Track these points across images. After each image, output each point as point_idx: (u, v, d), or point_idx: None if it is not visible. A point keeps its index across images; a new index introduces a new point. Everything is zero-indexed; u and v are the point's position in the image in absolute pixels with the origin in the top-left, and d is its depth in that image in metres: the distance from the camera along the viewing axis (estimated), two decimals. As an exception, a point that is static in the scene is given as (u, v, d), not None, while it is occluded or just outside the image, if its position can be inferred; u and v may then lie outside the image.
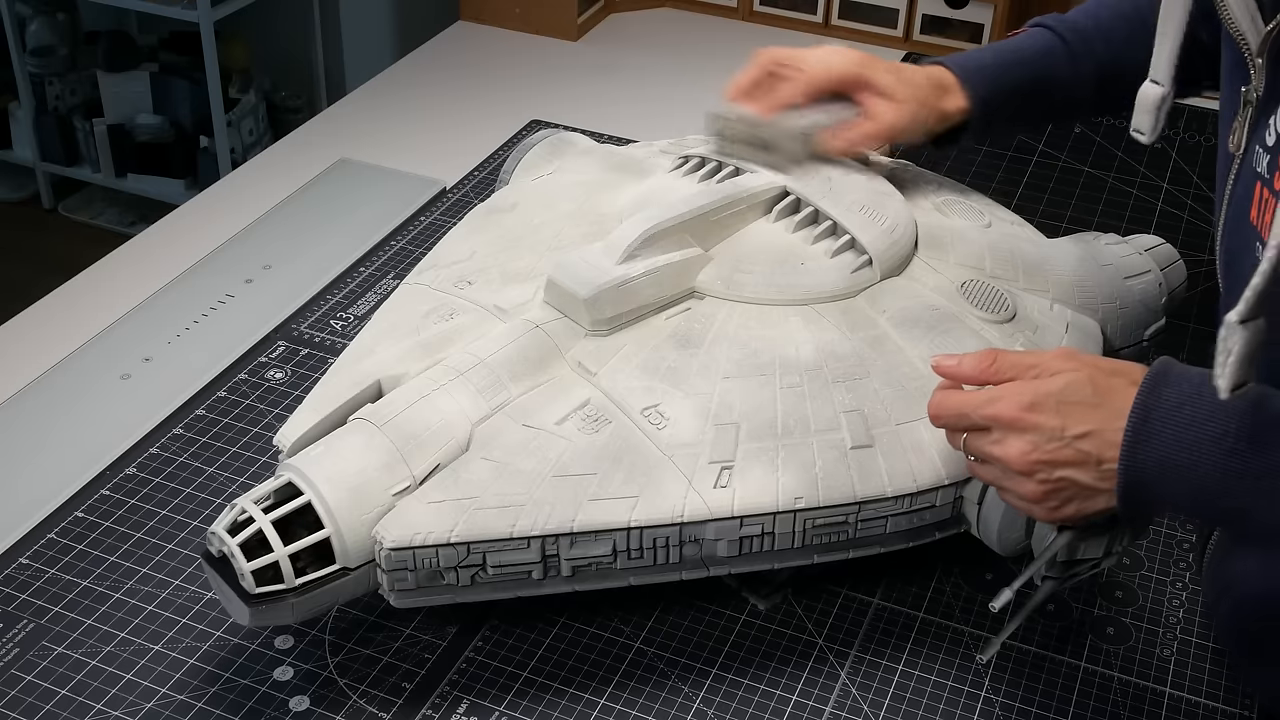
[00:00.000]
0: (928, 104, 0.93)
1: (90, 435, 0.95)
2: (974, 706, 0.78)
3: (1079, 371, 0.70)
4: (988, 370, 0.72)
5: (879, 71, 0.92)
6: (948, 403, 0.72)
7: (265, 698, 0.77)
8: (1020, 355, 0.72)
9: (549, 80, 1.52)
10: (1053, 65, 0.96)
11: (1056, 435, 0.68)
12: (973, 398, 0.71)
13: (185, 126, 2.77)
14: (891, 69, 0.93)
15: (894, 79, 0.92)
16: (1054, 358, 0.71)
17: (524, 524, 0.72)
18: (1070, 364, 0.70)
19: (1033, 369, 0.71)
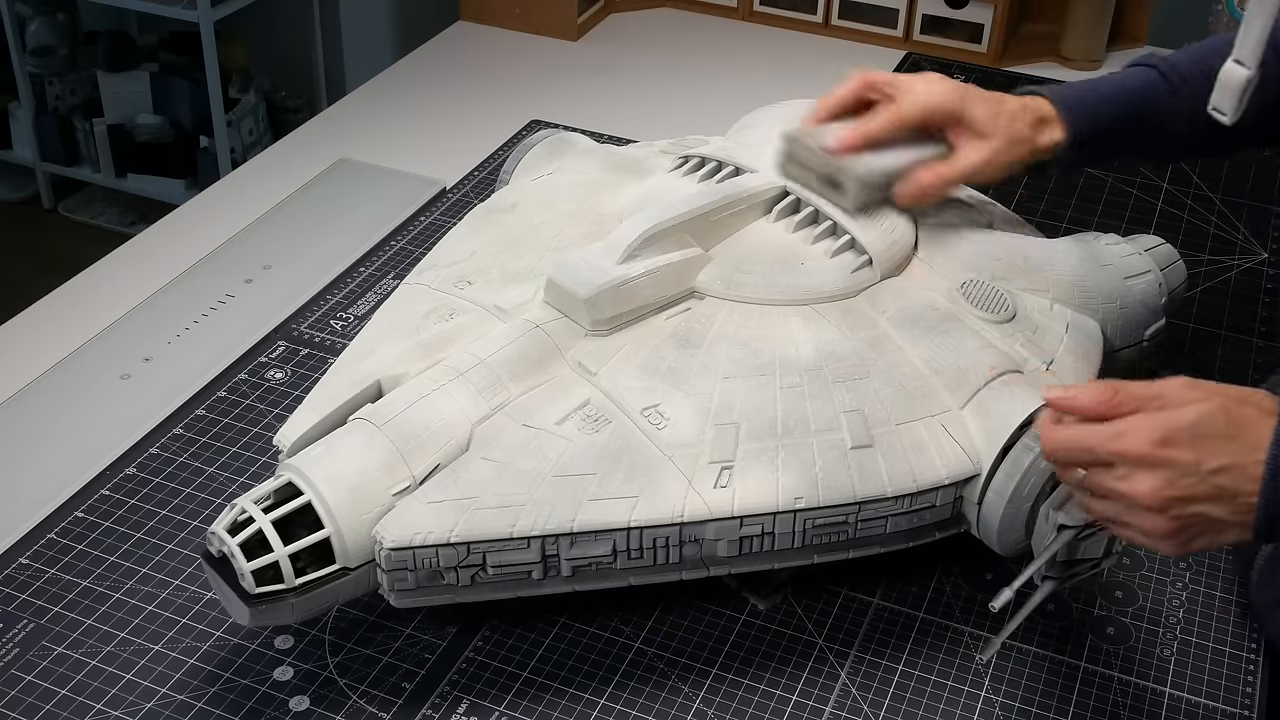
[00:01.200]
0: (1021, 139, 0.90)
1: (90, 435, 0.95)
2: (974, 706, 0.78)
3: (1209, 402, 0.67)
4: (1109, 403, 0.68)
5: (975, 104, 0.89)
6: (1066, 438, 0.69)
7: (265, 698, 0.77)
8: (1140, 386, 0.68)
9: (549, 80, 1.52)
10: (1152, 100, 0.93)
11: (1192, 470, 0.65)
12: (1095, 433, 0.68)
13: (185, 126, 2.77)
14: (989, 100, 0.90)
15: (989, 113, 0.89)
16: (1178, 387, 0.68)
17: (524, 524, 0.72)
18: (1197, 394, 0.67)
19: (1156, 400, 0.67)
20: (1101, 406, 0.68)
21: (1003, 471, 0.76)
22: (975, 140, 0.89)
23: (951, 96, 0.89)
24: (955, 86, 0.90)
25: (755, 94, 1.18)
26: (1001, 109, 0.90)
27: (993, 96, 0.91)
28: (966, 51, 1.60)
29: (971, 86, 0.91)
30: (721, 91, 1.50)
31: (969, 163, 0.89)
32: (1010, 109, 0.90)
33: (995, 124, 0.89)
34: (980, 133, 0.89)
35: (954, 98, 0.89)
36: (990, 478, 0.76)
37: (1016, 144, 0.90)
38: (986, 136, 0.89)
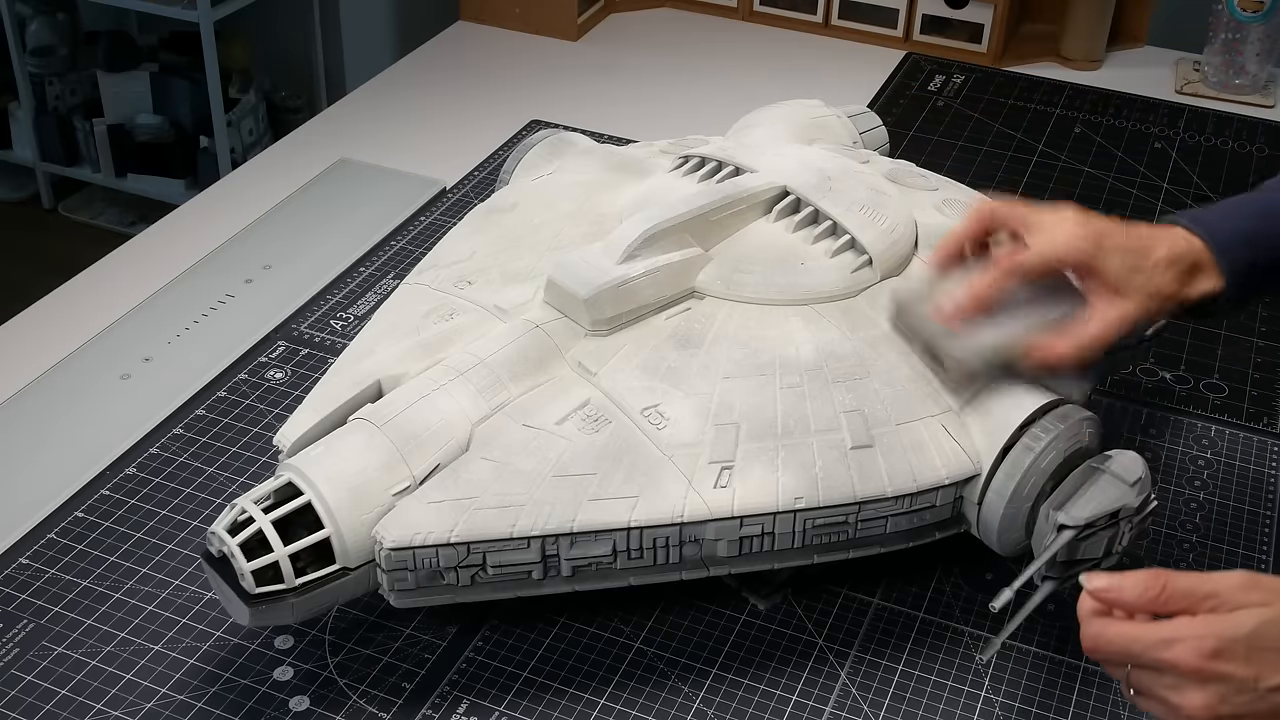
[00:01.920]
0: (1166, 295, 0.77)
1: (90, 435, 0.95)
2: (974, 706, 0.78)
3: (1270, 608, 0.61)
4: (1156, 599, 0.63)
5: (1110, 255, 0.76)
6: (1111, 638, 0.64)
7: (265, 698, 0.77)
8: (1193, 581, 0.63)
9: (549, 80, 1.52)
10: None
11: (1248, 687, 0.60)
12: (1142, 635, 0.63)
13: (185, 126, 2.77)
14: (1129, 249, 0.77)
15: (1127, 265, 0.77)
16: (1235, 588, 0.62)
17: (524, 524, 0.72)
18: (1256, 596, 0.62)
19: (1209, 600, 0.62)
20: (1148, 604, 0.63)
21: (1003, 471, 0.76)
22: (1109, 298, 0.77)
23: (1082, 245, 0.77)
24: (1087, 230, 0.77)
25: (755, 94, 1.18)
26: (1143, 261, 0.77)
27: (1134, 241, 0.78)
28: (966, 51, 1.60)
29: (1110, 227, 0.78)
30: (721, 91, 1.50)
31: (1101, 330, 0.76)
32: (1155, 259, 0.77)
33: (1134, 279, 0.77)
34: (1115, 288, 0.77)
35: (1085, 247, 0.77)
36: (990, 478, 0.76)
37: (1159, 301, 0.77)
38: (1123, 294, 0.77)
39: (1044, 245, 0.77)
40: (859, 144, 1.06)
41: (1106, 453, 0.76)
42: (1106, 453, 0.76)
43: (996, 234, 0.81)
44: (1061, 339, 0.76)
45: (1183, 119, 1.47)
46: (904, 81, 1.54)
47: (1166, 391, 1.04)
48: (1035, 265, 0.77)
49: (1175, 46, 1.64)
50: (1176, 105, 1.50)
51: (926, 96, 1.50)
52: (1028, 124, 1.45)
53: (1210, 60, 1.53)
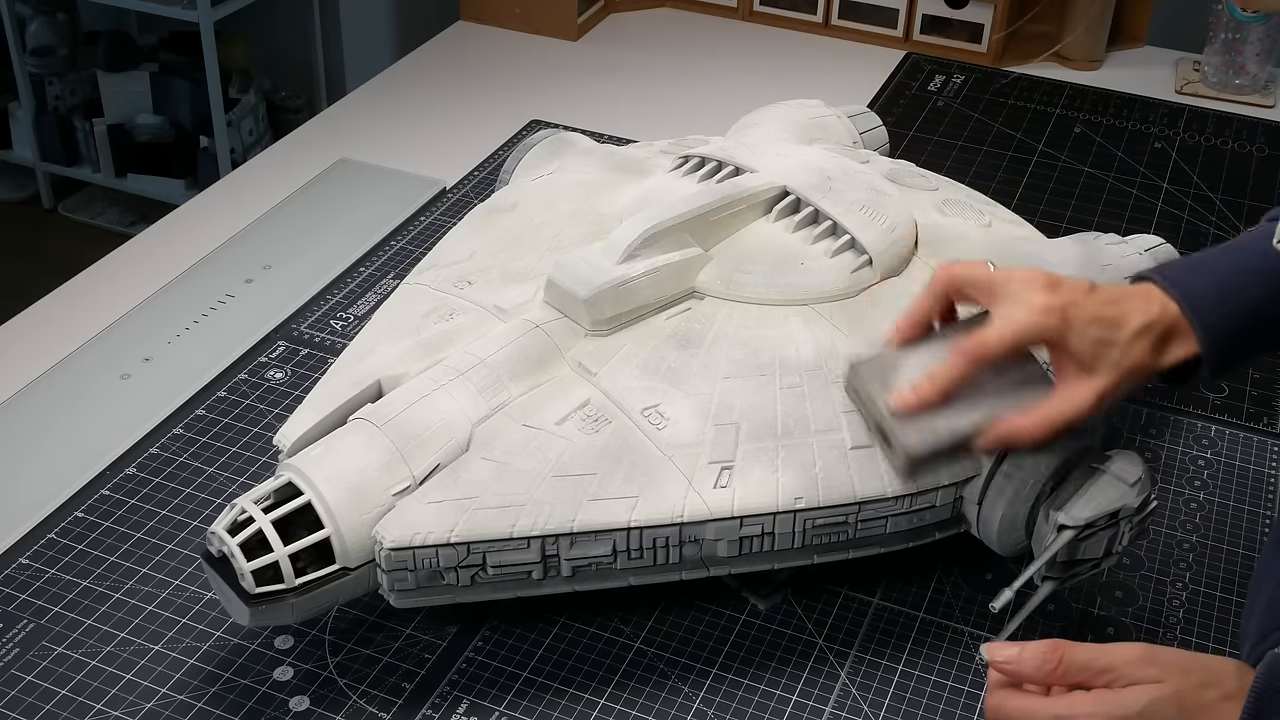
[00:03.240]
0: (1138, 369, 0.73)
1: (90, 435, 0.95)
2: (974, 706, 0.78)
3: (1163, 685, 0.61)
4: (1053, 672, 0.63)
5: (1079, 331, 0.71)
6: (1009, 710, 0.64)
7: (265, 698, 0.77)
8: (1090, 654, 0.64)
9: (549, 80, 1.52)
10: None
11: None
12: (1038, 711, 0.63)
13: (185, 126, 2.77)
14: (1097, 320, 0.72)
15: (1098, 340, 0.72)
16: (1131, 663, 0.63)
17: (524, 524, 0.72)
18: (1151, 672, 0.62)
19: (1105, 674, 0.63)
20: (1046, 676, 0.64)
21: (1003, 472, 0.76)
22: (1078, 375, 0.73)
23: (1048, 323, 0.71)
24: (1054, 304, 0.72)
25: (755, 94, 1.18)
26: (1115, 334, 0.72)
27: (1105, 311, 0.72)
28: (966, 51, 1.60)
29: (1078, 297, 0.72)
30: (721, 91, 1.50)
31: (1068, 409, 0.72)
32: (1128, 331, 0.72)
33: (1107, 354, 0.72)
34: (1085, 365, 0.72)
35: (1052, 324, 0.71)
36: (990, 478, 0.76)
37: (1132, 375, 0.73)
38: (1092, 370, 0.72)
39: (1008, 327, 0.72)
40: (859, 144, 1.06)
41: (1106, 453, 0.76)
42: (1106, 453, 0.76)
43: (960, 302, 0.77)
44: (1023, 416, 0.73)
45: (1183, 119, 1.47)
46: (904, 81, 1.54)
47: (1166, 391, 1.04)
48: (998, 349, 0.72)
49: (1175, 46, 1.64)
50: (1176, 105, 1.50)
51: (926, 96, 1.50)
52: (1028, 124, 1.45)
53: (1210, 60, 1.53)
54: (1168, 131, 1.44)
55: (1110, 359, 0.72)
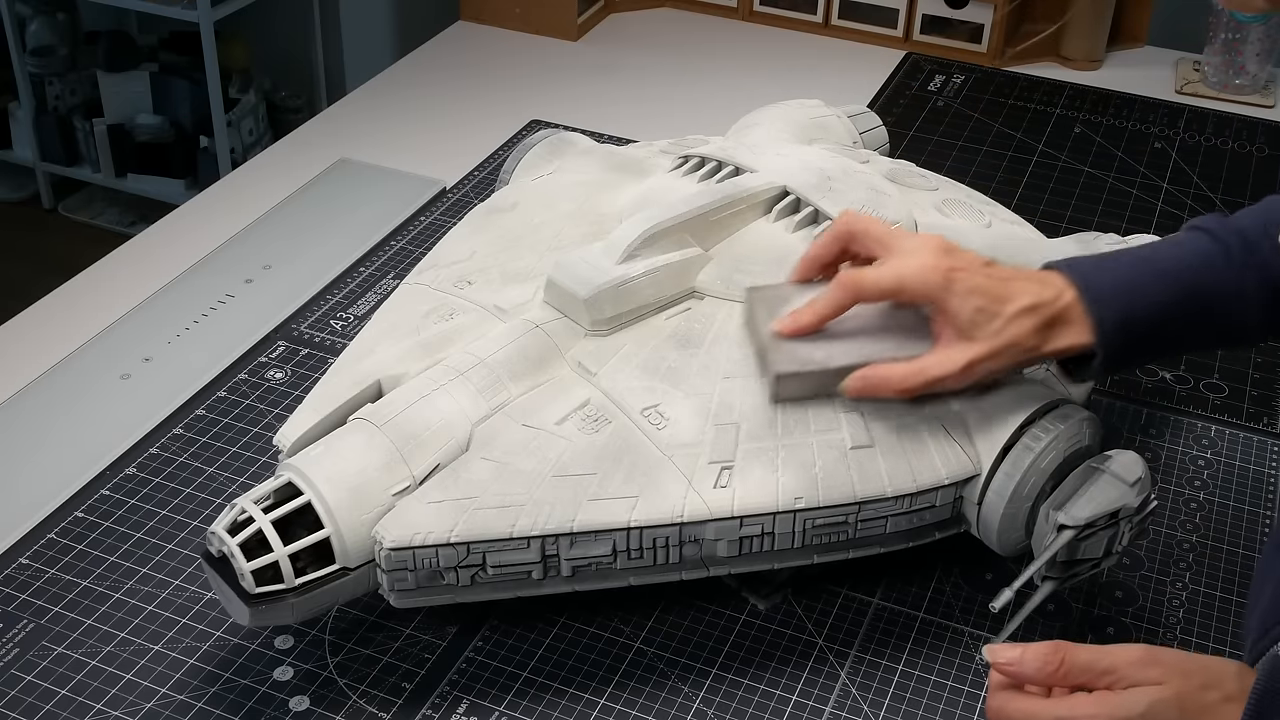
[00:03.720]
0: (1018, 346, 0.73)
1: (90, 435, 0.95)
2: (974, 706, 0.78)
3: (1164, 687, 0.62)
4: (1054, 674, 0.64)
5: (960, 298, 0.72)
6: (1011, 713, 0.64)
7: (265, 698, 0.77)
8: (1092, 655, 0.64)
9: (549, 80, 1.52)
10: (1208, 278, 0.75)
11: None
12: (1039, 713, 0.64)
13: (185, 126, 2.77)
14: (982, 291, 0.72)
15: (977, 309, 0.72)
16: (1132, 664, 0.63)
17: (524, 524, 0.72)
18: (1152, 673, 0.62)
19: (1107, 676, 0.63)
20: (1048, 677, 0.64)
21: (1003, 471, 0.76)
22: (953, 341, 0.74)
23: (931, 279, 0.73)
24: (942, 265, 0.73)
25: (755, 94, 1.18)
26: (999, 307, 0.72)
27: (992, 285, 0.73)
28: (966, 51, 1.60)
29: (969, 266, 0.73)
30: (721, 91, 1.50)
31: (935, 370, 0.73)
32: (1013, 308, 0.73)
33: (986, 324, 0.72)
34: (963, 332, 0.73)
35: (934, 281, 0.73)
36: (990, 478, 0.76)
37: (1010, 351, 0.73)
38: (971, 339, 0.73)
39: (888, 272, 0.74)
40: (859, 144, 1.06)
41: (1106, 453, 0.76)
42: (1106, 453, 0.76)
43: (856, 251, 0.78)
44: (892, 366, 0.74)
45: (1183, 119, 1.47)
46: (904, 81, 1.54)
47: (1166, 391, 1.04)
48: (875, 289, 0.74)
49: (1175, 46, 1.64)
50: (1176, 105, 1.50)
51: (926, 96, 1.50)
52: (1028, 124, 1.45)
53: (1210, 60, 1.53)
54: (1168, 131, 1.44)
55: (989, 329, 0.72)
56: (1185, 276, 0.75)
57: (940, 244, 0.75)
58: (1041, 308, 0.73)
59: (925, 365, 0.74)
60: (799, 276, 0.80)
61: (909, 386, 0.74)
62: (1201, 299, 0.75)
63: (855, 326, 0.77)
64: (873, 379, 0.74)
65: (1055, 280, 0.75)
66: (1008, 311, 0.73)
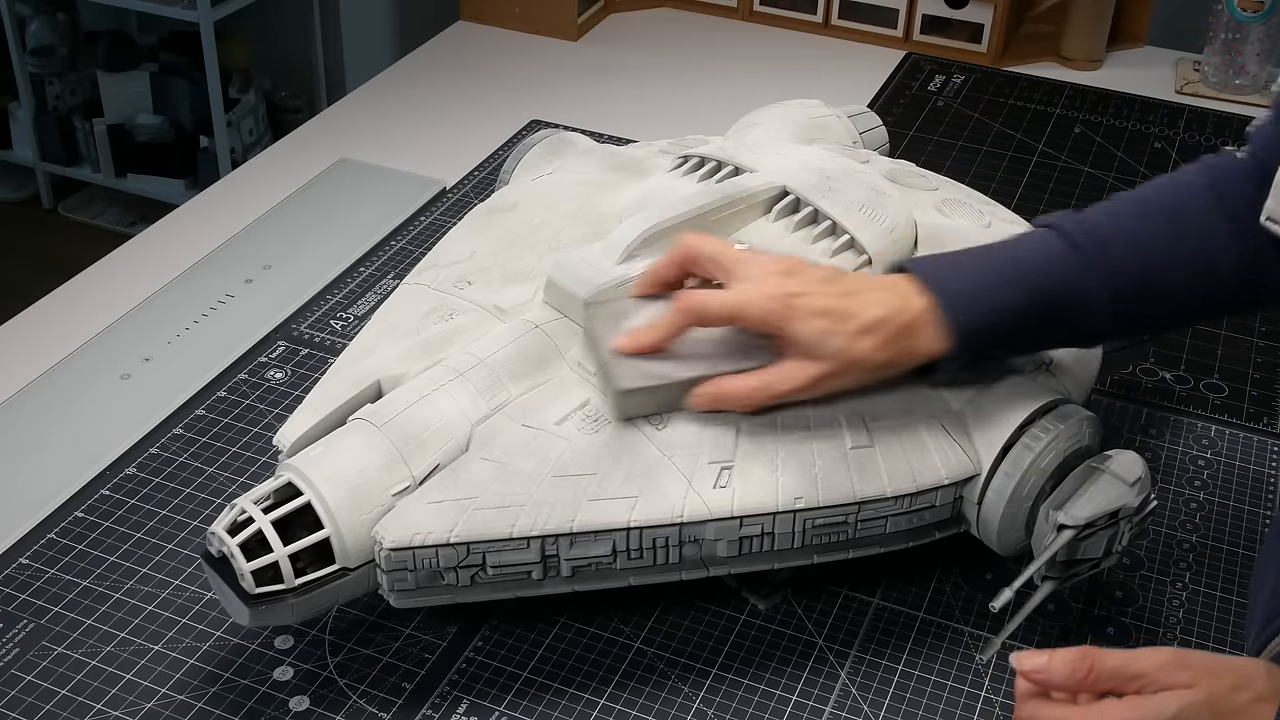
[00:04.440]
0: (863, 363, 0.73)
1: (90, 435, 0.95)
2: (974, 706, 0.78)
3: (1194, 690, 0.61)
4: (1083, 680, 0.63)
5: (801, 322, 0.72)
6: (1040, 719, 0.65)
7: (265, 698, 0.77)
8: (1120, 660, 0.63)
9: (549, 80, 1.52)
10: (1060, 284, 0.75)
11: None
12: (1073, 718, 0.63)
13: (185, 126, 2.77)
14: (823, 312, 0.72)
15: (820, 331, 0.72)
16: (1161, 668, 0.62)
17: (524, 524, 0.72)
18: (1182, 676, 0.62)
19: (1136, 680, 0.62)
20: (1077, 684, 0.63)
21: (1003, 471, 0.76)
22: (799, 359, 0.74)
23: (770, 308, 0.72)
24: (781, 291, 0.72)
25: (755, 94, 1.18)
26: (841, 325, 0.72)
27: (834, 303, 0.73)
28: (966, 51, 1.60)
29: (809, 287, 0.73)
30: (721, 91, 1.50)
31: (779, 385, 0.74)
32: (854, 325, 0.72)
33: (828, 345, 0.72)
34: (807, 353, 0.73)
35: (774, 309, 0.72)
36: (990, 478, 0.76)
37: (857, 369, 0.74)
38: (815, 358, 0.73)
39: (730, 299, 0.74)
40: (859, 144, 1.06)
41: (1106, 453, 0.76)
42: (1106, 453, 0.76)
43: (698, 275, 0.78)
44: (735, 380, 0.74)
45: (1183, 119, 1.47)
46: (904, 81, 1.54)
47: (1166, 391, 1.04)
48: (715, 316, 0.74)
49: (1175, 46, 1.64)
50: (1176, 105, 1.50)
51: (926, 96, 1.50)
52: (1028, 124, 1.45)
53: (1210, 60, 1.53)
54: (1168, 131, 1.44)
55: (833, 347, 0.73)
56: (1036, 280, 0.75)
57: (782, 267, 0.75)
58: (888, 321, 0.73)
59: (770, 381, 0.74)
60: (639, 291, 0.79)
61: (755, 401, 0.74)
62: (1052, 303, 0.75)
63: (698, 338, 0.76)
64: (718, 393, 0.74)
65: (904, 287, 0.74)
66: (850, 329, 0.73)
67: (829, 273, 0.76)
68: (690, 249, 0.77)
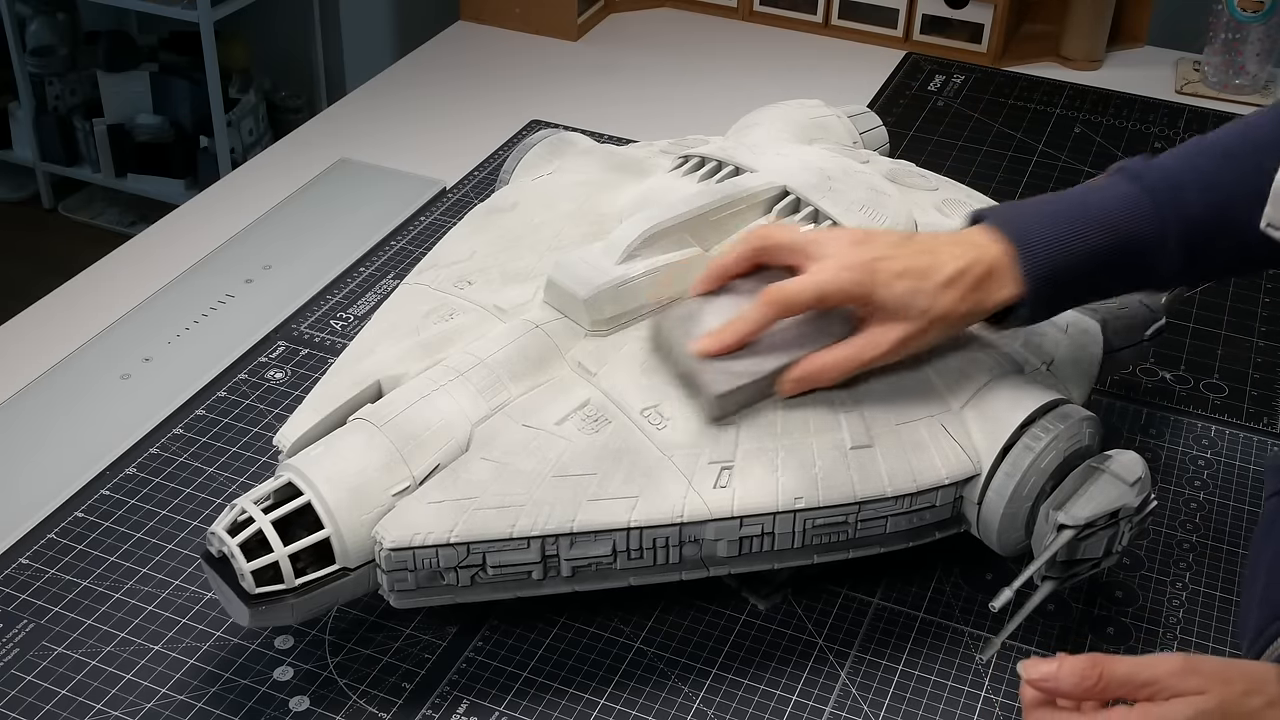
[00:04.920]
0: (950, 314, 0.74)
1: (90, 435, 0.95)
2: (974, 706, 0.78)
3: (1207, 697, 0.61)
4: (1092, 688, 0.62)
5: (886, 286, 0.73)
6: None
7: (265, 698, 0.77)
8: (1130, 667, 0.63)
9: (549, 80, 1.52)
10: (1134, 225, 0.74)
11: None
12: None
13: (185, 126, 2.77)
14: (906, 272, 0.72)
15: (906, 290, 0.72)
16: (1172, 674, 0.62)
17: (524, 524, 0.72)
18: (1194, 683, 0.61)
19: (1147, 687, 0.62)
20: (1085, 692, 0.63)
21: (1003, 471, 0.76)
22: (883, 321, 0.74)
23: (854, 278, 0.73)
24: (860, 259, 0.73)
25: (755, 94, 1.18)
26: (924, 283, 0.73)
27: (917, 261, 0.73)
28: (966, 51, 1.60)
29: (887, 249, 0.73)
30: (721, 91, 1.50)
31: (868, 351, 0.74)
32: (936, 281, 0.73)
33: (915, 302, 0.73)
34: (894, 314, 0.74)
35: (858, 279, 0.73)
36: (990, 478, 0.76)
37: (942, 324, 0.74)
38: (901, 318, 0.74)
39: (812, 280, 0.74)
40: (859, 144, 1.06)
41: (1106, 453, 0.76)
42: (1106, 453, 0.76)
43: (772, 265, 0.77)
44: (822, 354, 0.74)
45: (1183, 119, 1.47)
46: (904, 81, 1.54)
47: (1166, 391, 1.04)
48: (802, 302, 0.74)
49: (1175, 46, 1.64)
50: (1176, 105, 1.50)
51: (926, 96, 1.50)
52: (1028, 124, 1.45)
53: (1210, 60, 1.53)
54: (1168, 131, 1.44)
55: (918, 307, 0.73)
56: (1111, 225, 0.74)
57: (855, 236, 0.75)
58: (968, 272, 0.73)
59: (860, 348, 0.74)
60: (705, 288, 0.79)
61: (844, 371, 0.75)
62: (1127, 247, 0.75)
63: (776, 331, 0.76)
64: (808, 373, 0.75)
65: (980, 237, 0.75)
66: (933, 285, 0.73)
67: (900, 236, 0.76)
68: (764, 239, 0.77)
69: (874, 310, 0.74)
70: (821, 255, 0.74)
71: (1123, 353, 0.91)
